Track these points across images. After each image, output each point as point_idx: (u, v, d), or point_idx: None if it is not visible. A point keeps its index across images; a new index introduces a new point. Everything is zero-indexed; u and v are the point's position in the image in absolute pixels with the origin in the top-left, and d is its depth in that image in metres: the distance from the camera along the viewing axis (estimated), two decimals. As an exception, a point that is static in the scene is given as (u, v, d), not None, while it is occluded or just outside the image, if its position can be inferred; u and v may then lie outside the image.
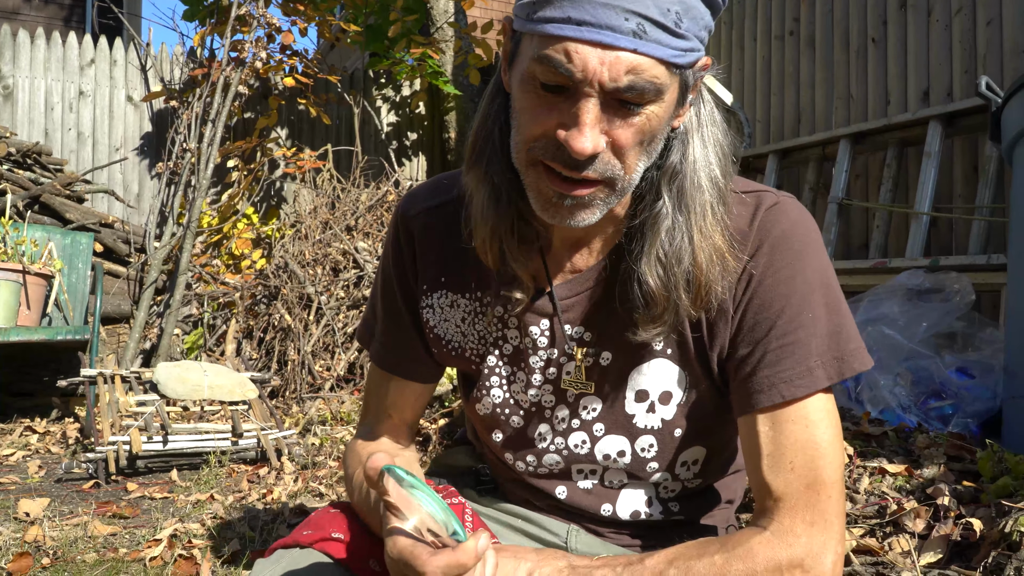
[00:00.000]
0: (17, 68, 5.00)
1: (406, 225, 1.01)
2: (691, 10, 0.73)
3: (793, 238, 0.85)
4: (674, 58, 0.73)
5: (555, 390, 0.95)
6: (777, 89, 4.14)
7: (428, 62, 5.39)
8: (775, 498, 0.80)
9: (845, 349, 0.83)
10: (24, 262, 3.58)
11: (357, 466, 1.01)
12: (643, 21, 0.70)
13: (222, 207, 5.14)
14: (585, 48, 0.71)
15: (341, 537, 0.93)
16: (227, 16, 4.84)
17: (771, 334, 0.83)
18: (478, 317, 0.98)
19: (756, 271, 0.84)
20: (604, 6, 0.70)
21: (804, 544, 0.78)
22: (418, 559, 0.69)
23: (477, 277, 0.97)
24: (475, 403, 1.00)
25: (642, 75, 0.72)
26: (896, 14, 3.55)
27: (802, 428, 0.81)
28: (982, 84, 2.29)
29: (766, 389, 0.82)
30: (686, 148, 0.83)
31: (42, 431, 3.48)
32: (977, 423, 2.16)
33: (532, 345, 0.94)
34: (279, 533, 2.00)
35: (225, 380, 3.09)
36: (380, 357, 1.06)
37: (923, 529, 1.47)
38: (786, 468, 0.80)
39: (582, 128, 0.73)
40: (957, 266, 2.80)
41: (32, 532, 1.96)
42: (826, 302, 0.84)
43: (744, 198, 0.87)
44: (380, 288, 1.06)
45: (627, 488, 0.97)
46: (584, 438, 0.95)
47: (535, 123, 0.77)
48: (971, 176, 3.21)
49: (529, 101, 0.77)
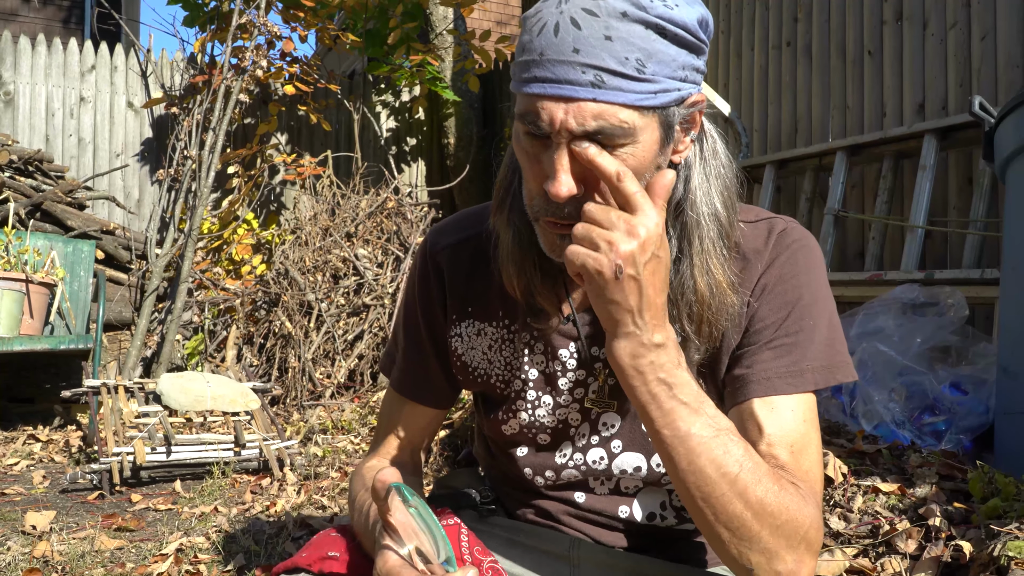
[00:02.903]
0: (18, 74, 5.02)
1: (434, 259, 1.06)
2: (656, 54, 0.77)
3: (800, 256, 0.92)
4: (640, 101, 0.77)
5: (580, 409, 1.00)
6: (774, 99, 4.17)
7: (427, 68, 5.42)
8: (782, 465, 0.84)
9: (834, 360, 0.90)
10: (27, 271, 3.61)
11: (361, 489, 1.04)
12: (600, 72, 0.75)
13: (222, 213, 5.17)
14: (550, 103, 0.77)
15: (337, 556, 0.97)
16: (227, 22, 4.86)
17: (775, 333, 0.90)
18: (505, 344, 1.03)
19: (769, 282, 0.91)
20: (563, 64, 0.76)
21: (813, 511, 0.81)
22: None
23: (504, 307, 1.02)
24: (500, 424, 1.05)
25: (609, 120, 0.76)
26: (892, 27, 3.58)
27: (798, 419, 0.87)
28: (975, 104, 2.32)
29: (763, 380, 0.88)
30: (688, 183, 0.88)
31: (45, 439, 3.51)
32: (970, 438, 2.20)
33: (562, 368, 1.00)
34: (284, 547, 2.03)
35: (228, 390, 3.12)
36: (399, 383, 1.11)
37: (915, 550, 1.50)
38: (790, 449, 0.85)
39: (556, 175, 0.79)
40: (951, 280, 2.83)
41: (40, 547, 1.99)
42: (824, 314, 0.91)
43: (757, 223, 0.95)
44: (403, 318, 1.12)
45: (642, 492, 1.02)
46: (602, 454, 1.00)
47: (531, 178, 0.84)
48: (965, 189, 3.25)
49: (522, 156, 0.84)
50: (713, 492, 0.77)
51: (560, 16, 0.76)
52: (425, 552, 0.75)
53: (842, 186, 3.52)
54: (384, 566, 0.75)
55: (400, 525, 0.77)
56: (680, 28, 0.77)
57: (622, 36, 0.75)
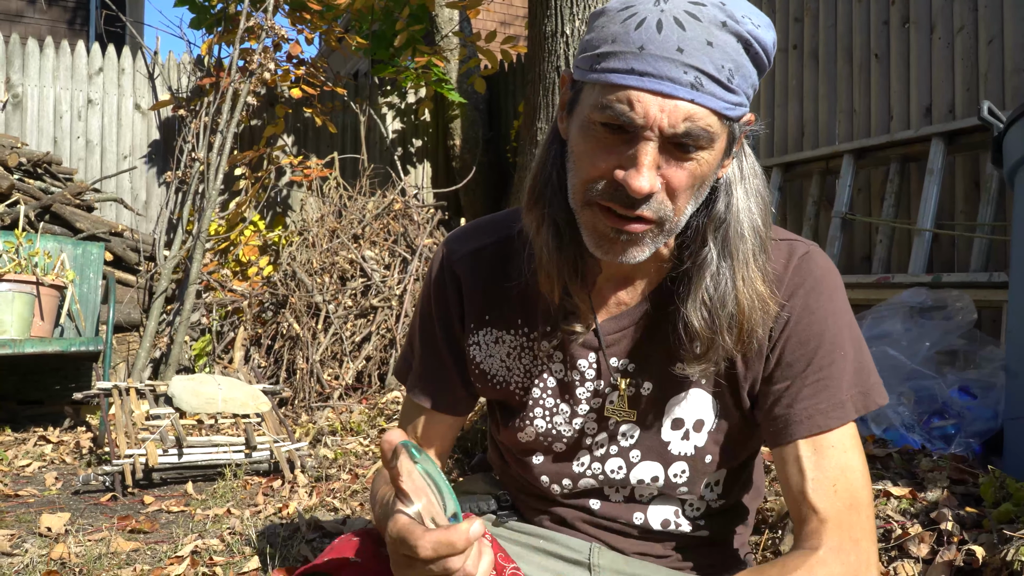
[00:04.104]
0: (26, 77, 5.04)
1: (451, 268, 1.07)
2: (741, 68, 0.80)
3: (824, 283, 0.93)
4: (726, 110, 0.80)
5: (598, 418, 1.02)
6: (781, 102, 4.18)
7: (433, 70, 5.43)
8: (821, 519, 0.87)
9: (868, 383, 0.93)
10: (37, 273, 3.63)
11: (382, 486, 1.06)
12: (700, 75, 0.77)
13: (229, 215, 5.19)
14: (647, 96, 0.78)
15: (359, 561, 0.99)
16: (235, 25, 4.88)
17: (808, 369, 0.91)
18: (524, 352, 1.04)
19: (793, 312, 0.92)
20: (665, 60, 0.77)
21: (854, 561, 0.86)
22: (412, 535, 0.74)
23: (523, 314, 1.03)
24: (517, 432, 1.06)
25: (698, 123, 0.79)
26: (899, 30, 3.59)
27: (840, 453, 0.90)
28: (984, 109, 2.34)
29: (805, 420, 0.90)
30: (730, 198, 0.90)
31: (56, 441, 3.53)
32: (979, 443, 2.21)
33: (580, 377, 1.01)
34: (298, 549, 2.04)
35: (238, 393, 3.14)
36: (417, 390, 1.12)
37: (927, 554, 1.51)
38: (829, 491, 0.88)
39: (640, 168, 0.79)
40: (959, 283, 2.84)
41: (58, 549, 2.01)
42: (852, 341, 0.93)
43: (777, 245, 0.96)
44: (419, 326, 1.13)
45: (656, 500, 1.04)
46: (620, 464, 1.01)
47: (594, 166, 0.83)
48: (972, 193, 3.26)
49: (589, 145, 0.83)
50: None
51: (662, 14, 0.78)
52: (433, 512, 0.76)
53: (849, 189, 3.54)
54: (394, 527, 0.77)
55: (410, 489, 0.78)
56: (761, 48, 0.81)
57: (720, 45, 0.78)
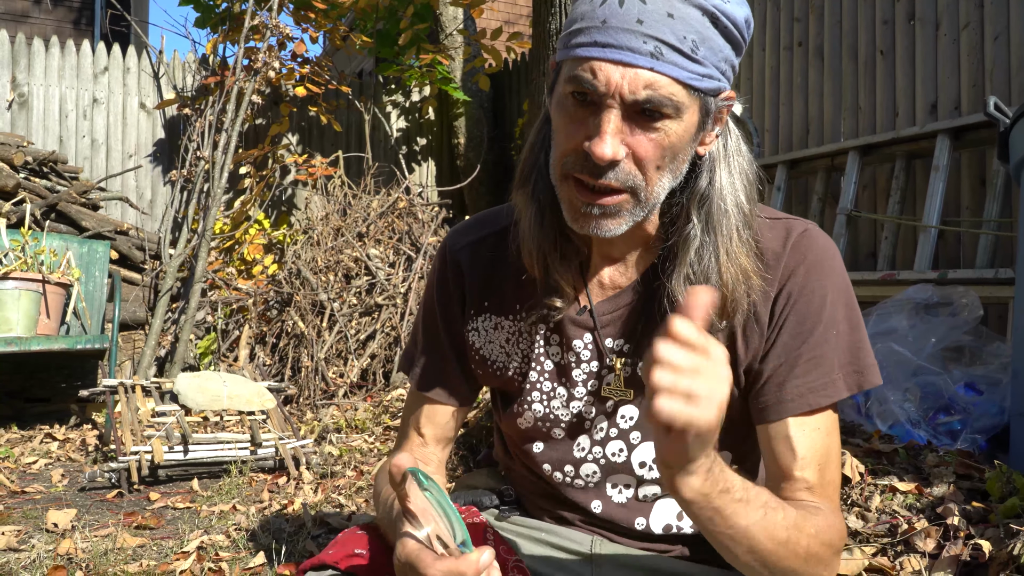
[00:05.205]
0: (32, 76, 5.06)
1: (454, 257, 1.09)
2: (708, 40, 0.82)
3: (824, 262, 0.94)
4: (690, 80, 0.82)
5: (596, 400, 1.02)
6: (786, 99, 4.18)
7: (438, 68, 5.44)
8: (811, 488, 0.90)
9: (863, 363, 0.94)
10: (43, 271, 3.64)
11: (386, 484, 1.06)
12: (660, 44, 0.80)
13: (234, 213, 5.20)
14: (608, 66, 0.81)
15: (363, 553, 1.00)
16: (239, 24, 4.89)
17: (803, 348, 0.92)
18: (522, 337, 1.05)
19: (793, 291, 0.93)
20: (626, 31, 0.80)
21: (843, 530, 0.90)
22: (422, 562, 0.75)
23: (521, 300, 1.04)
24: (516, 418, 1.06)
25: (659, 90, 0.81)
26: (904, 27, 3.58)
27: (824, 435, 0.92)
28: (990, 104, 2.33)
29: (797, 398, 0.92)
30: (713, 175, 0.92)
31: (62, 438, 3.54)
32: (985, 438, 2.20)
33: (576, 359, 1.02)
34: (304, 545, 2.05)
35: (244, 390, 3.14)
36: (420, 381, 1.13)
37: (933, 549, 1.51)
38: (817, 470, 0.91)
39: (603, 135, 0.82)
40: (964, 280, 2.83)
41: (65, 545, 2.02)
42: (849, 320, 0.94)
43: (774, 224, 0.97)
44: (422, 318, 1.14)
45: (661, 501, 1.03)
46: (621, 446, 1.01)
47: (567, 139, 0.86)
48: (978, 189, 3.25)
49: (563, 120, 0.87)
50: (769, 558, 0.82)
51: None
52: (442, 535, 0.76)
53: (854, 186, 3.53)
54: (403, 551, 0.77)
55: (418, 510, 0.78)
56: (730, 22, 0.82)
57: (682, 16, 0.80)
